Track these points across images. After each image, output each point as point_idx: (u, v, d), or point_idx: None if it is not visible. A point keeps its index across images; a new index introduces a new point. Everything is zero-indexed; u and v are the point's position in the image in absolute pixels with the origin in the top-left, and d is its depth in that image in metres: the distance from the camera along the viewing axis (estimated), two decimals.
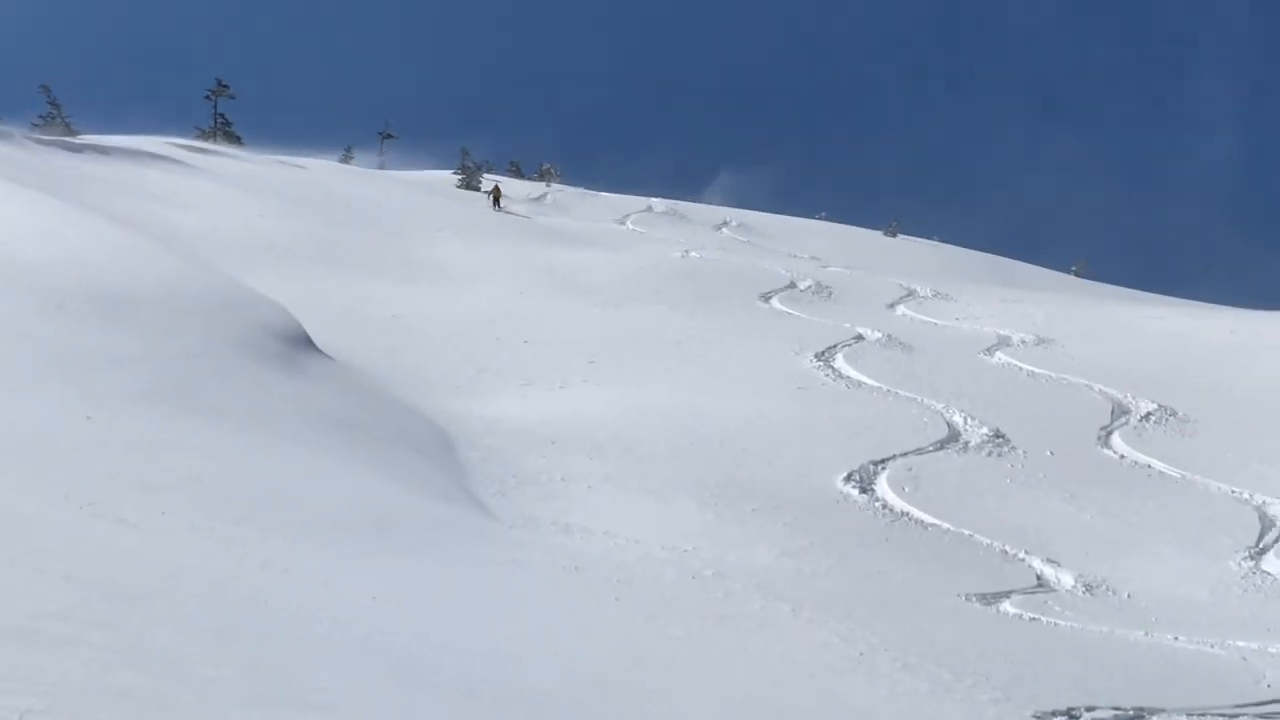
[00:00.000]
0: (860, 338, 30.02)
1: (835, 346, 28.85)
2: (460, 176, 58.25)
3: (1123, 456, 22.76)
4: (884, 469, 20.95)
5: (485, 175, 58.99)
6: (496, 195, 51.71)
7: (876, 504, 19.62)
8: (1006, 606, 16.20)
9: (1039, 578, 17.55)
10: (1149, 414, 24.95)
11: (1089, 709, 12.31)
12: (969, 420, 23.67)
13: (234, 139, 63.16)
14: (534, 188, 60.75)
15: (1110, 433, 23.92)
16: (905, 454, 21.69)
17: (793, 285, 37.32)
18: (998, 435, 22.97)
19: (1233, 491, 21.08)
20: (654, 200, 59.48)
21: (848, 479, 20.39)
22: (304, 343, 22.32)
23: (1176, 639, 15.38)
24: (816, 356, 27.81)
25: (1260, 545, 19.03)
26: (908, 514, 19.32)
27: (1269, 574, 18.05)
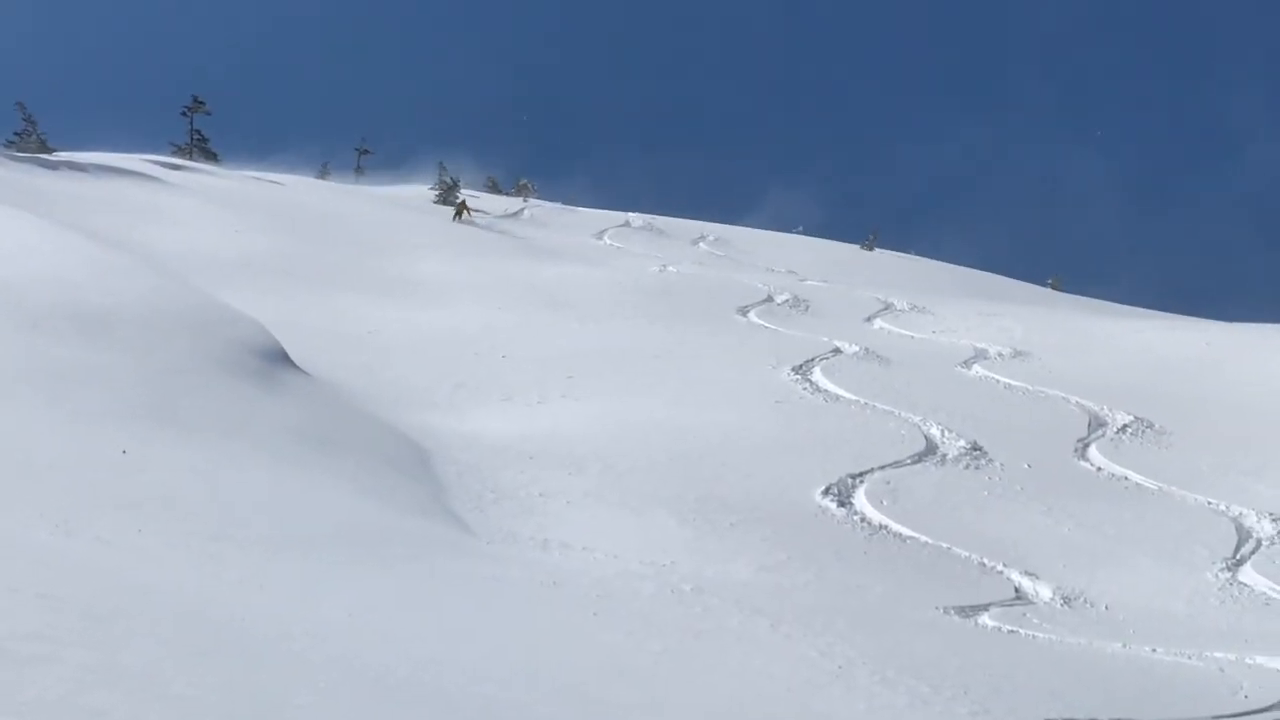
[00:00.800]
0: (838, 351, 30.04)
1: (813, 360, 28.86)
2: (437, 192, 58.10)
3: (1100, 469, 22.83)
4: (862, 482, 20.97)
5: (462, 191, 58.88)
6: (460, 209, 51.74)
7: (855, 517, 19.64)
8: (985, 619, 16.23)
9: (1017, 590, 17.59)
10: (1126, 426, 25.03)
11: None
12: (946, 433, 23.72)
13: (210, 155, 62.98)
14: (511, 203, 60.70)
15: (1087, 445, 23.99)
16: (883, 467, 21.71)
17: (770, 299, 37.29)
18: (975, 448, 23.01)
19: (1209, 503, 21.17)
20: (631, 215, 59.43)
21: (826, 492, 20.40)
22: (281, 359, 22.27)
23: (1154, 651, 15.44)
24: (794, 370, 27.83)
25: (1237, 556, 19.10)
26: (886, 527, 19.34)
27: (1246, 585, 18.12)
